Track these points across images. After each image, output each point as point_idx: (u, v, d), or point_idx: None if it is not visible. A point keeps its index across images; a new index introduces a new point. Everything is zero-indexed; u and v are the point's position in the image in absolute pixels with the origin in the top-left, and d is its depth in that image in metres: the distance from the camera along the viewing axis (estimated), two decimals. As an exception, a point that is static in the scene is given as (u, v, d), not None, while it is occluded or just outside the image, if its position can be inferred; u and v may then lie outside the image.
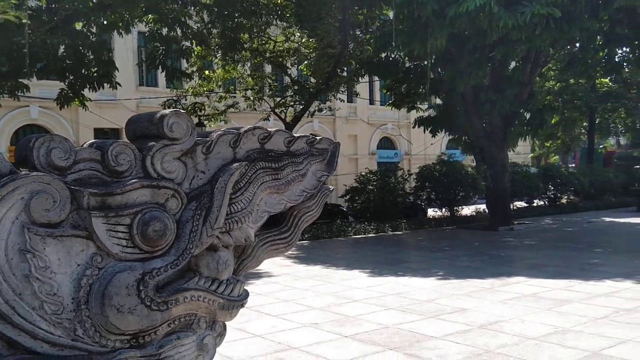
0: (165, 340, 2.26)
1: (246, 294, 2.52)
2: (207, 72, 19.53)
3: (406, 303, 7.57)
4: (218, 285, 2.37)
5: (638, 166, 26.12)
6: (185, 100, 19.35)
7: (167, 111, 2.26)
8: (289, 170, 2.46)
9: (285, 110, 19.23)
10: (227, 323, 2.58)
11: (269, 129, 2.46)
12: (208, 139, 2.33)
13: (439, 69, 17.12)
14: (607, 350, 5.33)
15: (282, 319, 6.84)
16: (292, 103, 19.47)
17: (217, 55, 18.36)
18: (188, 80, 17.80)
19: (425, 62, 16.60)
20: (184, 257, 2.20)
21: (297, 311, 7.25)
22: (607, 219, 18.93)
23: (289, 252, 2.81)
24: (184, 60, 17.89)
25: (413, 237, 15.80)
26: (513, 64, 18.39)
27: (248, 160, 2.35)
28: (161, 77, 21.85)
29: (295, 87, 19.26)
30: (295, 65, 21.62)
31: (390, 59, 17.88)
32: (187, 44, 16.53)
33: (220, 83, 20.03)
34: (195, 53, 17.51)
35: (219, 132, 2.36)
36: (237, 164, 2.30)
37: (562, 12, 12.03)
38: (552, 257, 11.25)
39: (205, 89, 19.69)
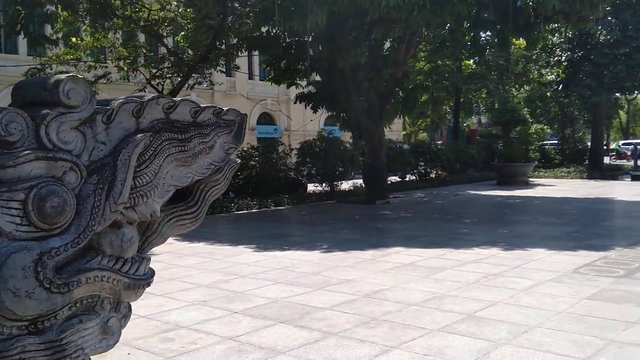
0: (67, 325, 2.08)
1: (152, 273, 2.40)
2: (74, 39, 18.18)
3: (293, 276, 7.68)
4: (122, 264, 2.23)
5: (497, 143, 28.31)
6: (50, 69, 17.88)
7: (63, 76, 2.05)
8: (196, 142, 2.35)
9: (162, 82, 18.46)
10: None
11: (174, 99, 2.33)
12: (109, 107, 2.15)
13: (319, 46, 17.31)
14: (479, 312, 5.79)
15: (168, 298, 6.65)
16: (169, 75, 18.73)
17: (86, 21, 17.13)
18: (53, 47, 16.45)
19: (306, 39, 16.71)
20: (86, 235, 2.03)
21: (183, 289, 7.08)
22: (472, 192, 20.45)
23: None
24: (49, 26, 16.49)
25: (295, 212, 16.01)
26: (388, 44, 19.06)
27: (153, 131, 2.21)
28: (22, 43, 20.01)
29: (172, 59, 18.54)
30: (172, 36, 20.80)
31: (272, 34, 17.75)
32: (52, 8, 15.23)
33: (89, 52, 18.75)
34: (61, 19, 16.19)
35: (120, 100, 2.19)
36: (141, 134, 2.15)
37: (432, -2, 12.60)
38: (426, 228, 11.97)
39: (71, 57, 18.32)
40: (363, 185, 19.36)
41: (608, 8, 22.71)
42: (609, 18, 26.82)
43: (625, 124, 64.82)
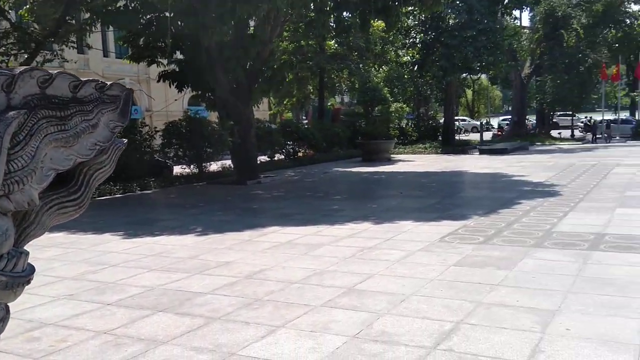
0: None
1: (31, 269, 2.12)
2: None
3: (168, 262, 7.39)
4: (-3, 260, 1.94)
5: (360, 121, 29.32)
6: None
7: None
8: (78, 120, 2.09)
9: (6, 60, 16.68)
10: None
11: (50, 71, 2.05)
12: (-29, 82, 1.84)
13: (182, 23, 16.62)
14: (359, 285, 5.97)
15: (30, 294, 6.05)
16: (14, 52, 16.97)
17: None
18: None
19: (167, 14, 15.95)
20: (-48, 229, 1.73)
21: (46, 284, 6.50)
22: (340, 169, 21.07)
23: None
24: None
25: (164, 195, 15.41)
26: (254, 22, 18.82)
27: (27, 108, 1.93)
28: None
29: (17, 34, 16.80)
30: (15, 10, 18.82)
31: (130, 8, 16.71)
32: None
33: None
34: None
35: (-16, 74, 1.88)
36: (13, 112, 1.87)
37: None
38: (299, 206, 12.11)
39: None
40: (232, 166, 19.10)
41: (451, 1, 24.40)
42: (457, 2, 28.77)
43: (472, 102, 70.43)
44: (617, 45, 48.03)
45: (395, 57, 37.19)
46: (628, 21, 46.17)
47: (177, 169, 19.49)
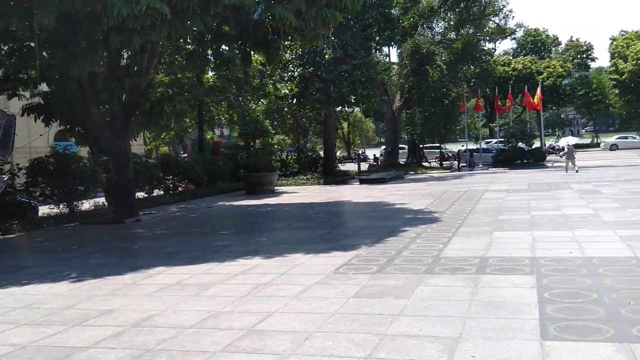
0: None
1: None
2: None
3: (41, 315, 6.60)
4: None
5: (241, 154, 29.00)
6: None
7: None
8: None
9: None
10: None
11: None
12: None
13: (48, 52, 15.49)
14: (259, 325, 5.67)
15: None
16: None
17: None
18: None
19: (32, 44, 14.78)
20: None
21: None
22: (224, 203, 20.55)
23: None
24: None
25: (30, 239, 14.00)
26: (128, 53, 18.03)
27: None
28: None
29: None
30: None
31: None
32: None
33: None
34: None
35: None
36: None
37: (174, 10, 12.22)
38: (185, 244, 11.53)
39: None
40: (107, 203, 17.91)
41: (329, 37, 25.14)
42: (332, 38, 29.75)
43: (347, 134, 72.88)
44: (475, 80, 52.34)
45: (274, 90, 37.56)
46: (485, 58, 50.52)
47: (45, 210, 17.91)
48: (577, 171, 25.60)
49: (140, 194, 21.77)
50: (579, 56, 71.90)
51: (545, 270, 7.17)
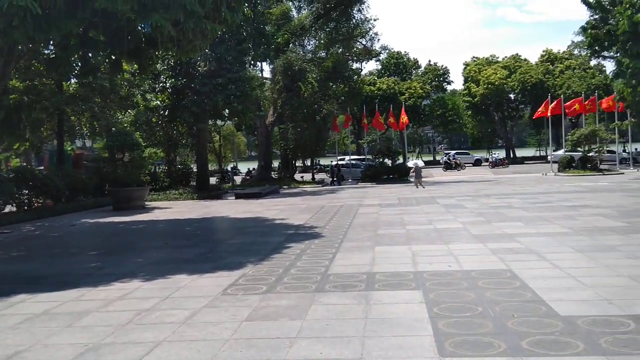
0: None
1: None
2: None
3: None
4: None
5: (106, 167, 27.35)
6: None
7: None
8: None
9: None
10: None
11: None
12: None
13: None
14: (146, 358, 5.23)
15: None
16: None
17: None
18: None
19: None
20: None
21: None
22: (90, 220, 19.12)
23: None
24: None
25: None
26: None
27: None
28: None
29: None
30: None
31: None
32: None
33: None
34: None
35: None
36: None
37: (42, 9, 11.26)
38: (50, 267, 10.48)
39: None
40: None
41: (207, 50, 24.63)
42: (207, 51, 29.18)
43: (219, 147, 71.82)
44: (344, 97, 54.21)
45: (143, 101, 35.95)
46: (353, 77, 52.51)
47: None
48: (423, 187, 28.16)
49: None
50: (436, 79, 77.40)
51: (430, 285, 7.42)
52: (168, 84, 31.20)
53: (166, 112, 31.36)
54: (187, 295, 7.62)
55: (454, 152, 66.58)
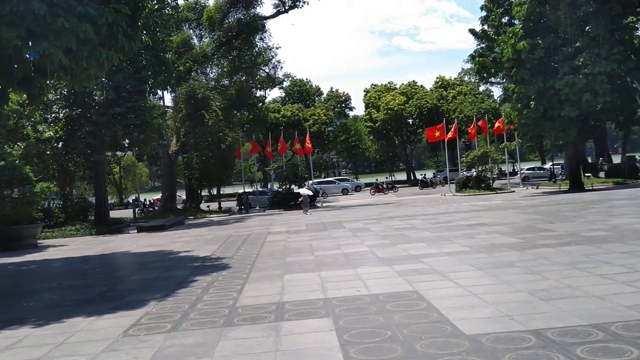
0: None
1: None
2: None
3: None
4: None
5: None
6: None
7: None
8: None
9: None
10: None
11: None
12: None
13: None
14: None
15: None
16: None
17: None
18: None
19: None
20: None
21: None
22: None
23: None
24: None
25: None
26: None
27: None
28: None
29: None
30: None
31: None
32: None
33: None
34: None
35: None
36: None
37: None
38: None
39: None
40: None
41: (102, 79, 23.69)
42: (104, 79, 28.11)
43: (119, 179, 69.05)
44: (249, 125, 54.17)
45: (33, 132, 33.88)
46: (257, 105, 52.67)
47: None
48: (310, 214, 29.18)
49: None
50: (339, 105, 79.35)
51: (340, 311, 7.41)
52: (62, 114, 29.62)
53: (60, 144, 29.66)
54: (84, 339, 7.10)
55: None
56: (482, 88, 68.51)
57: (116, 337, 7.02)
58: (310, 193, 38.73)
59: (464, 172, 46.37)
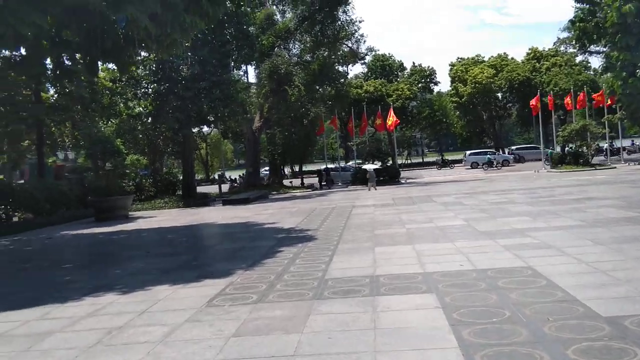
0: None
1: None
2: None
3: None
4: None
5: (89, 176, 26.30)
6: None
7: None
8: None
9: None
10: None
11: None
12: None
13: None
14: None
15: None
16: None
17: None
18: None
19: None
20: None
21: None
22: (69, 232, 18.05)
23: None
24: None
25: None
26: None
27: None
28: None
29: None
30: None
31: None
32: None
33: None
34: None
35: None
36: None
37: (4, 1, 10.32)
38: (16, 283, 9.48)
39: None
40: None
41: (187, 44, 23.63)
42: (189, 54, 28.27)
43: (206, 155, 70.69)
44: (331, 101, 53.43)
45: (125, 109, 34.89)
46: (340, 80, 51.78)
47: None
48: (375, 189, 28.61)
49: (-37, 226, 18.57)
50: (423, 80, 76.83)
51: (444, 287, 6.54)
52: (150, 90, 30.15)
53: (149, 119, 30.26)
54: (166, 308, 6.67)
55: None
56: (579, 59, 63.96)
57: (199, 307, 6.53)
58: (375, 167, 37.40)
59: (550, 149, 43.40)
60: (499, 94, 69.09)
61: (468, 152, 55.88)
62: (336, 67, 55.28)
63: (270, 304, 6.42)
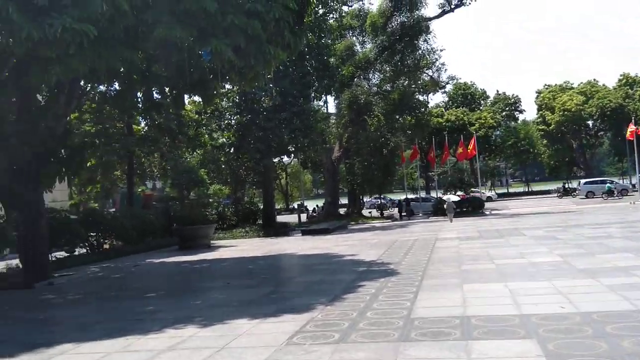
0: None
1: None
2: None
3: None
4: None
5: (174, 206, 27.11)
6: None
7: None
8: None
9: None
10: None
11: None
12: None
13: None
14: None
15: None
16: None
17: None
18: None
19: None
20: None
21: None
22: (154, 260, 18.52)
23: None
24: None
25: None
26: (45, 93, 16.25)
27: None
28: None
29: None
30: None
31: None
32: None
33: None
34: None
35: None
36: None
37: (98, 33, 10.73)
38: (102, 311, 9.65)
39: None
40: (20, 265, 15.63)
41: (270, 76, 24.10)
42: (271, 85, 28.79)
43: (285, 185, 71.64)
44: (411, 130, 52.73)
45: (209, 140, 35.99)
46: (420, 109, 51.14)
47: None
48: (451, 221, 27.30)
49: (59, 254, 19.45)
50: (507, 108, 74.54)
51: (545, 332, 5.92)
52: (233, 121, 30.95)
53: (231, 150, 30.98)
54: (246, 344, 6.45)
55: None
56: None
57: (279, 345, 6.26)
58: (456, 199, 36.18)
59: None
60: (590, 122, 65.74)
61: (583, 181, 52.35)
62: (416, 97, 54.68)
63: (353, 345, 6.05)
